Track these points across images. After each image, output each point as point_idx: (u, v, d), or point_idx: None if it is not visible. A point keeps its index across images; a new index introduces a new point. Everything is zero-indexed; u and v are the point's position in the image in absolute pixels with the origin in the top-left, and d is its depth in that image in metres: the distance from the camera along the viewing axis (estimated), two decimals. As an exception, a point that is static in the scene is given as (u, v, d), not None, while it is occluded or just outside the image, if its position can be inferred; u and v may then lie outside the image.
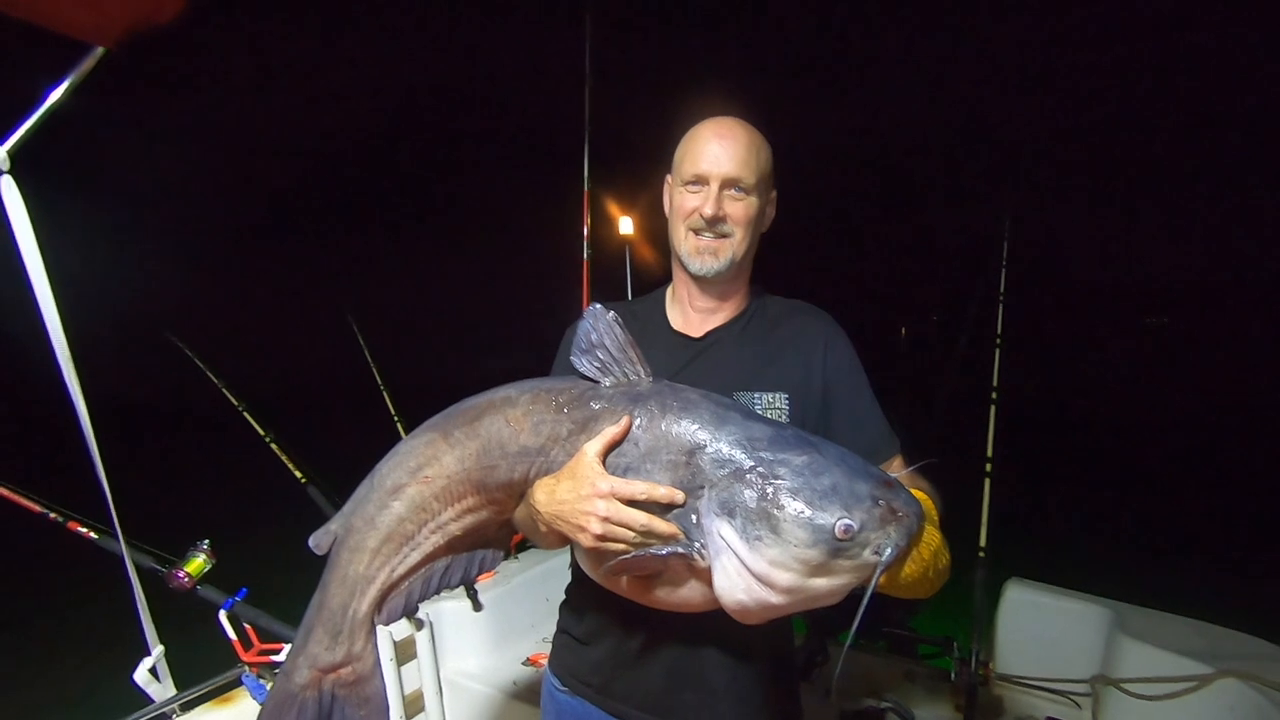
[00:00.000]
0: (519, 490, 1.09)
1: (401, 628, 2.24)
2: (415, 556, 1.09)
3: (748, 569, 0.89)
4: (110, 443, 1.65)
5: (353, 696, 1.09)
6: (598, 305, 1.09)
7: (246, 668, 1.84)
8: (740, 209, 1.23)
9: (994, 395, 2.46)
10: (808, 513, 0.87)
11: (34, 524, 1.79)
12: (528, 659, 2.46)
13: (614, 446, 1.00)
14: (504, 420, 1.06)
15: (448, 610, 2.43)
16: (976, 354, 2.63)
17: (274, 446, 2.60)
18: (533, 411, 1.06)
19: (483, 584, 2.53)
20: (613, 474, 0.98)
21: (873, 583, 0.88)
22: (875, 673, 2.37)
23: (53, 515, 1.80)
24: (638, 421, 1.00)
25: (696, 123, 1.28)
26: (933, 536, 0.94)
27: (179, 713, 1.75)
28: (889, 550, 0.86)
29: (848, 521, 0.86)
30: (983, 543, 2.28)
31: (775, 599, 0.89)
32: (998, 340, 2.55)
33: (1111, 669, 2.19)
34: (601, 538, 0.96)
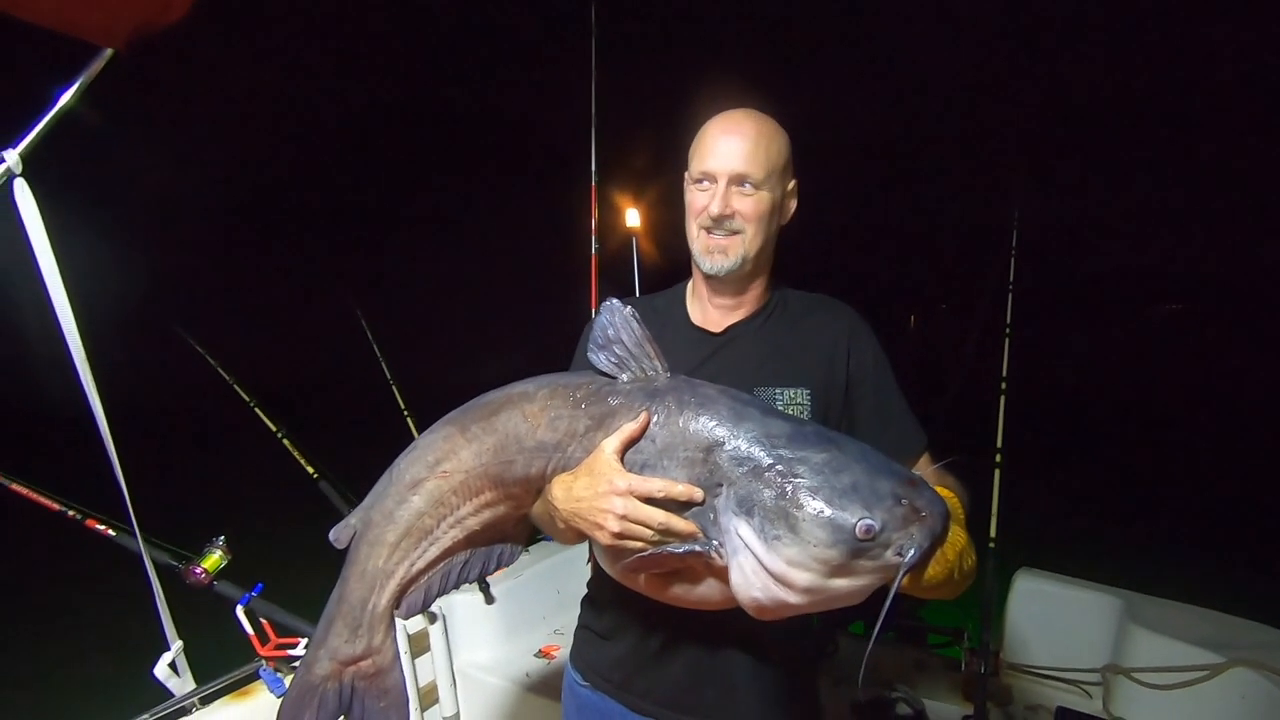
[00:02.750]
0: (536, 486, 1.10)
1: (415, 621, 2.26)
2: (434, 551, 1.10)
3: (765, 568, 0.88)
4: (125, 441, 1.67)
5: (373, 688, 1.11)
6: (615, 300, 1.08)
7: (264, 662, 1.86)
8: (749, 205, 1.22)
9: (1003, 385, 2.45)
10: (827, 512, 0.86)
11: (52, 522, 1.81)
12: (540, 650, 2.48)
13: (632, 443, 1.00)
14: (521, 415, 1.07)
15: (460, 603, 2.45)
16: (988, 343, 2.62)
17: (286, 442, 2.62)
18: (550, 407, 1.06)
19: (494, 576, 2.54)
20: (630, 471, 0.98)
21: (895, 584, 0.87)
22: (885, 663, 2.38)
23: (71, 513, 1.82)
24: (655, 418, 1.00)
25: (708, 115, 1.27)
26: (958, 537, 0.92)
27: (198, 706, 1.78)
28: (911, 551, 0.85)
29: (869, 521, 0.84)
30: (992, 533, 2.27)
31: (793, 599, 0.89)
32: (1007, 330, 2.54)
33: (1122, 658, 2.19)
34: (619, 535, 0.97)
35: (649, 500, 0.95)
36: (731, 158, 1.20)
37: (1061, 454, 8.32)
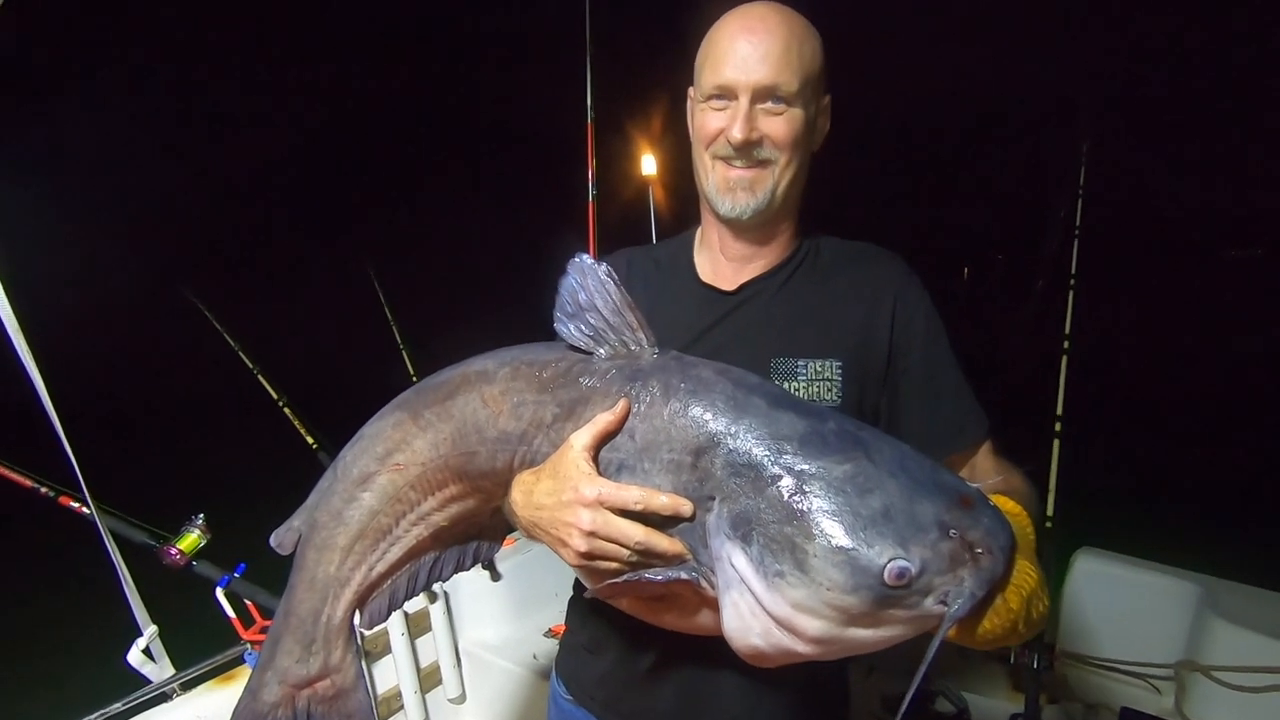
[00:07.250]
0: (505, 479, 0.91)
1: (415, 600, 2.15)
2: (396, 552, 0.96)
3: (765, 610, 0.70)
4: (108, 414, 1.55)
5: (333, 713, 0.97)
6: (585, 257, 0.86)
7: (249, 646, 1.76)
8: (780, 126, 0.96)
9: (1065, 345, 2.17)
10: (847, 547, 0.66)
11: (26, 499, 1.72)
12: (550, 630, 2.35)
13: (606, 439, 0.80)
14: (480, 400, 0.88)
15: (464, 580, 2.32)
16: (1049, 297, 2.33)
17: (287, 410, 2.53)
18: (512, 390, 0.87)
19: (500, 550, 2.42)
20: (603, 473, 0.79)
21: (937, 639, 0.67)
22: (922, 650, 2.17)
23: (44, 490, 1.73)
24: (636, 407, 0.80)
25: (719, 16, 1.01)
26: (1027, 577, 0.69)
27: (179, 692, 1.69)
28: (959, 602, 0.65)
29: (903, 564, 0.64)
30: (1050, 511, 2.03)
31: (801, 648, 0.70)
32: (1071, 281, 2.24)
33: (1199, 653, 1.95)
34: (587, 555, 0.77)
35: (625, 513, 0.76)
36: (756, 64, 0.94)
37: (1129, 419, 7.59)
